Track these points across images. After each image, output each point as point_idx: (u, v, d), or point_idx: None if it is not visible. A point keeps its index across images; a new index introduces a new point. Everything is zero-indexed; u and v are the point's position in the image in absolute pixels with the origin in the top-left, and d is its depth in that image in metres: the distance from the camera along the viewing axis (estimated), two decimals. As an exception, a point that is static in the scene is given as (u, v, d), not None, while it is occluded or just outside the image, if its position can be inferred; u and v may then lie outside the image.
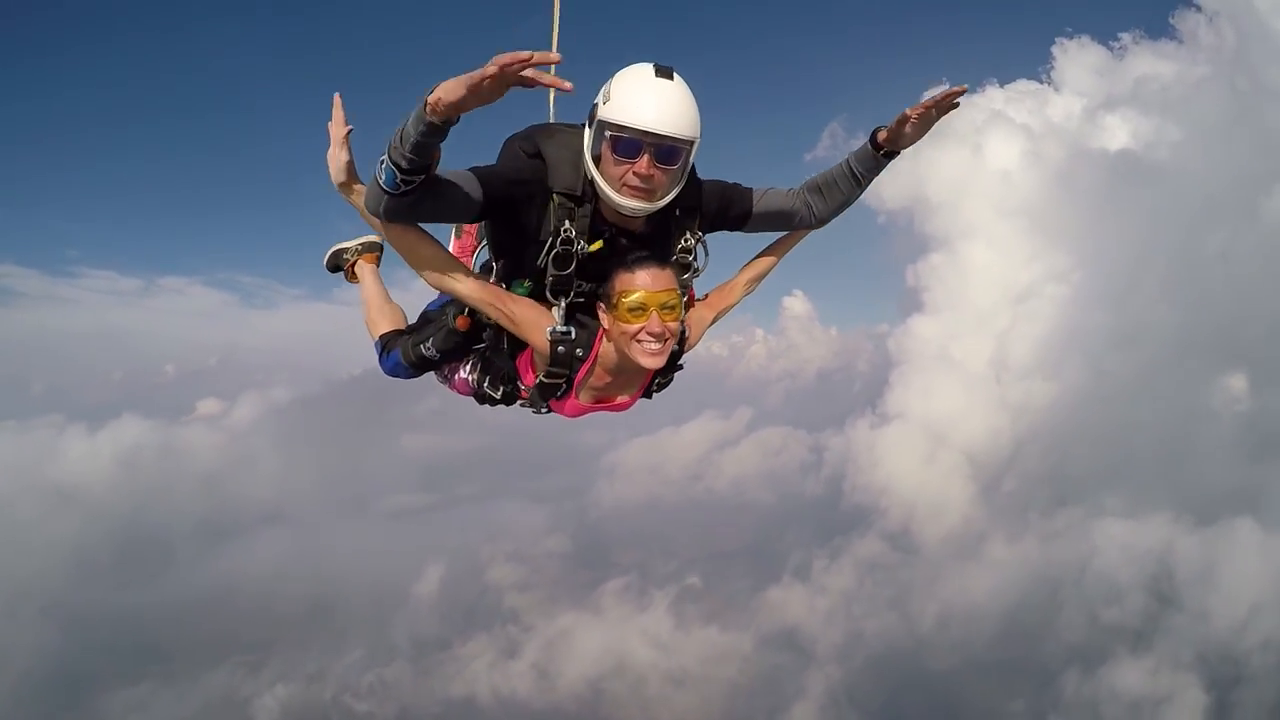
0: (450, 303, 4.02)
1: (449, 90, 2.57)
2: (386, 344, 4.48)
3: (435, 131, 2.68)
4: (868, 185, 3.79)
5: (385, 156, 2.80)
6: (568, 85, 2.69)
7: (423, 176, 2.84)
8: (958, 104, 3.35)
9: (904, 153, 3.71)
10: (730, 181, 3.75)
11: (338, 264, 5.17)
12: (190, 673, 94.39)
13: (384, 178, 2.85)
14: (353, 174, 3.58)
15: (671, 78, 3.12)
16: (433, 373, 4.41)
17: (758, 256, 4.20)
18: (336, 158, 3.50)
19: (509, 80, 2.58)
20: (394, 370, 4.40)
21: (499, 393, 4.02)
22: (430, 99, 2.60)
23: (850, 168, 3.71)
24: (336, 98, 3.53)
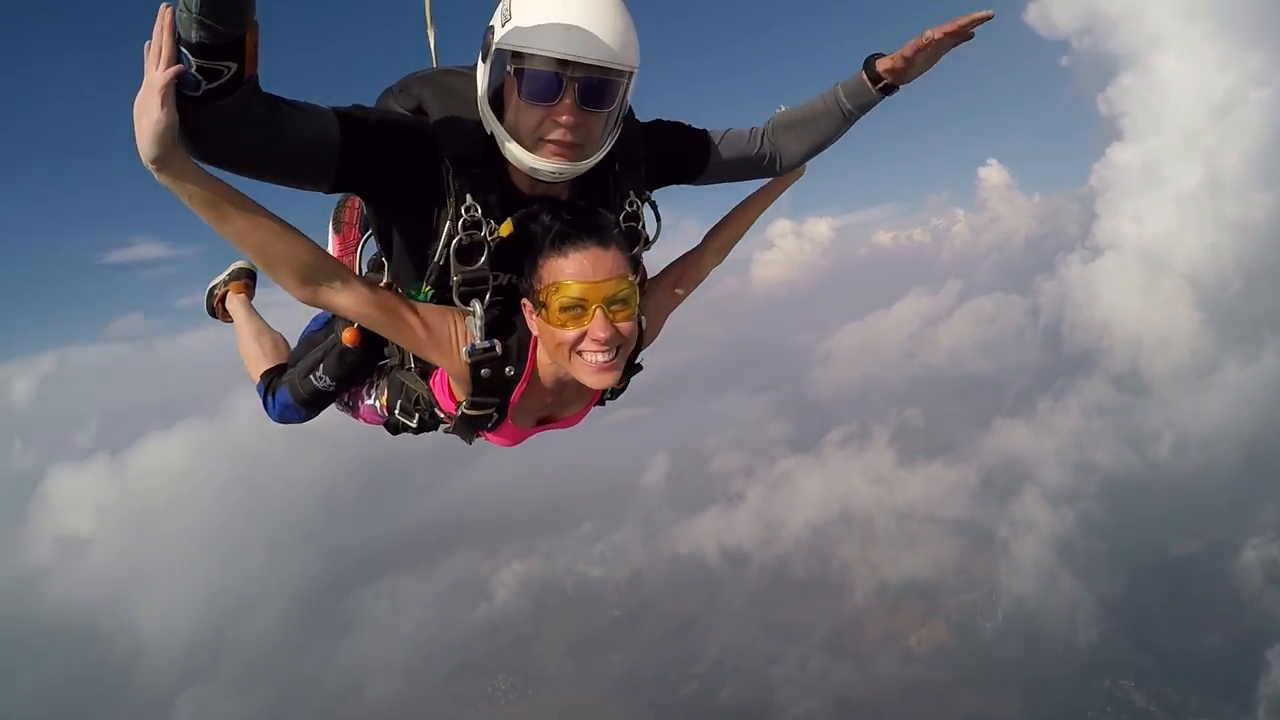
0: (333, 320, 3.15)
1: None
2: (270, 384, 3.50)
3: None
4: (853, 124, 2.82)
5: (174, 41, 1.75)
6: None
7: (235, 66, 1.76)
8: (973, 34, 2.47)
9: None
10: (676, 121, 2.79)
11: (211, 305, 4.25)
12: (431, 558, 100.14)
13: (185, 79, 1.76)
14: (173, 144, 1.82)
15: None
16: (334, 405, 3.40)
17: (732, 216, 3.10)
18: (150, 110, 1.77)
19: None
20: (283, 414, 3.40)
21: (414, 421, 2.91)
22: None
23: (839, 103, 2.74)
24: (164, 11, 1.77)
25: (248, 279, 4.16)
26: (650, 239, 2.71)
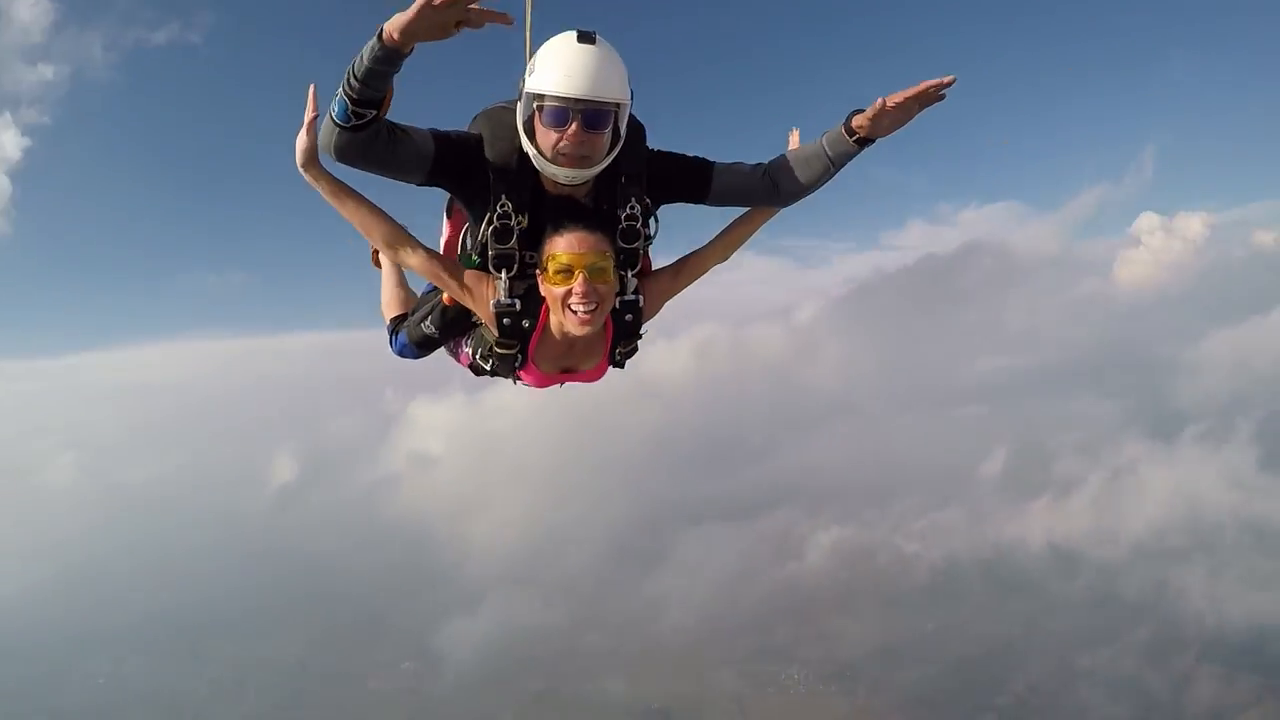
0: (436, 287, 3.98)
1: (397, 21, 2.66)
2: (395, 327, 4.47)
3: (388, 58, 2.72)
4: (839, 171, 3.54)
5: (339, 89, 2.83)
6: (508, 18, 2.77)
7: (375, 112, 2.88)
8: (944, 95, 3.26)
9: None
10: (689, 154, 3.62)
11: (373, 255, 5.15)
12: (752, 513, 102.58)
13: (336, 110, 2.86)
14: (313, 158, 3.28)
15: (594, 42, 3.03)
16: (443, 349, 4.27)
17: (731, 226, 3.88)
18: (301, 140, 3.25)
19: (452, 14, 2.64)
20: (401, 351, 4.38)
21: (489, 365, 3.83)
22: (386, 26, 2.68)
23: (824, 150, 3.48)
24: (311, 89, 3.19)
25: None
26: (650, 236, 3.55)
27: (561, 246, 3.16)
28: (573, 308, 3.18)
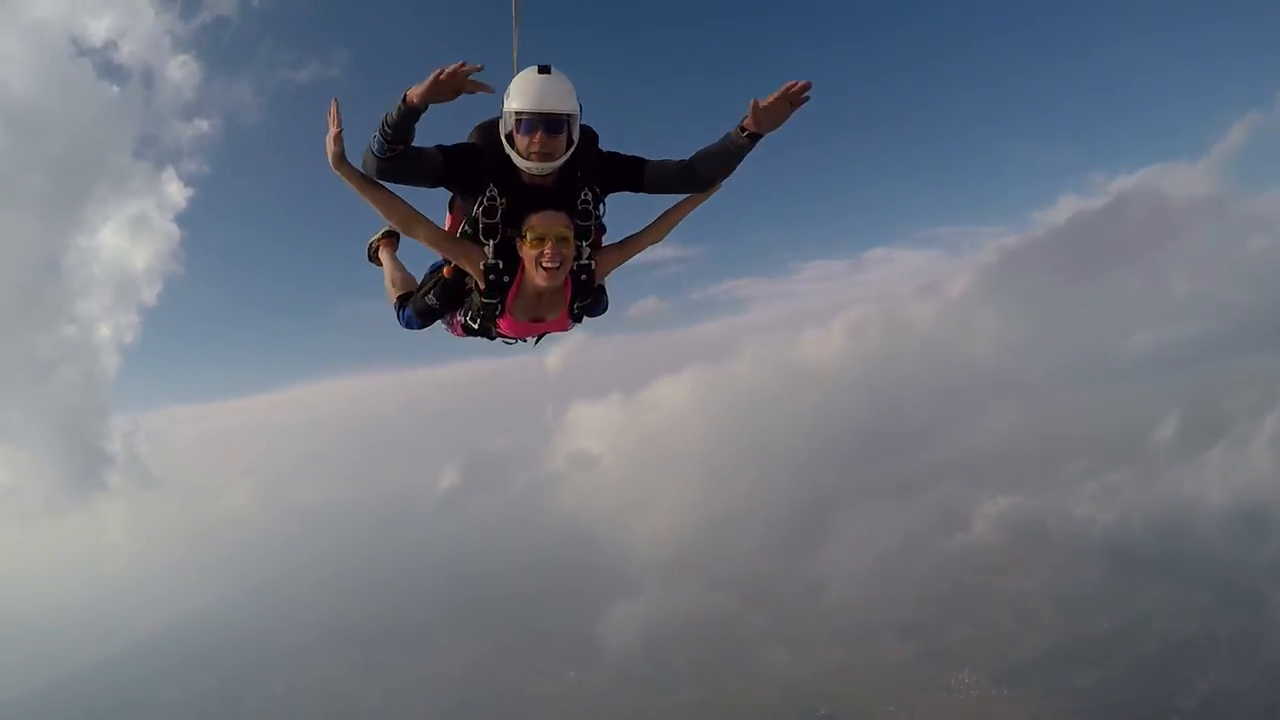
0: (442, 264, 5.00)
1: (415, 90, 3.76)
2: (401, 303, 5.45)
3: (409, 115, 3.84)
4: (740, 161, 4.50)
5: (376, 132, 3.92)
6: (490, 88, 3.89)
7: (402, 147, 3.97)
8: (807, 98, 4.14)
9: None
10: (627, 153, 4.61)
11: (370, 253, 6.33)
12: (916, 488, 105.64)
13: (375, 147, 3.96)
14: (340, 159, 4.17)
15: (549, 72, 4.06)
16: (440, 321, 5.24)
17: (664, 213, 4.86)
18: (330, 146, 4.13)
19: (453, 85, 3.77)
20: (408, 323, 5.35)
21: (477, 324, 4.80)
22: (408, 94, 3.77)
23: (726, 147, 4.43)
24: (334, 103, 4.11)
25: (394, 238, 6.14)
26: (599, 216, 4.57)
27: (537, 220, 4.17)
28: (543, 265, 4.17)
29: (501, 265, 4.36)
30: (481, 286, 4.44)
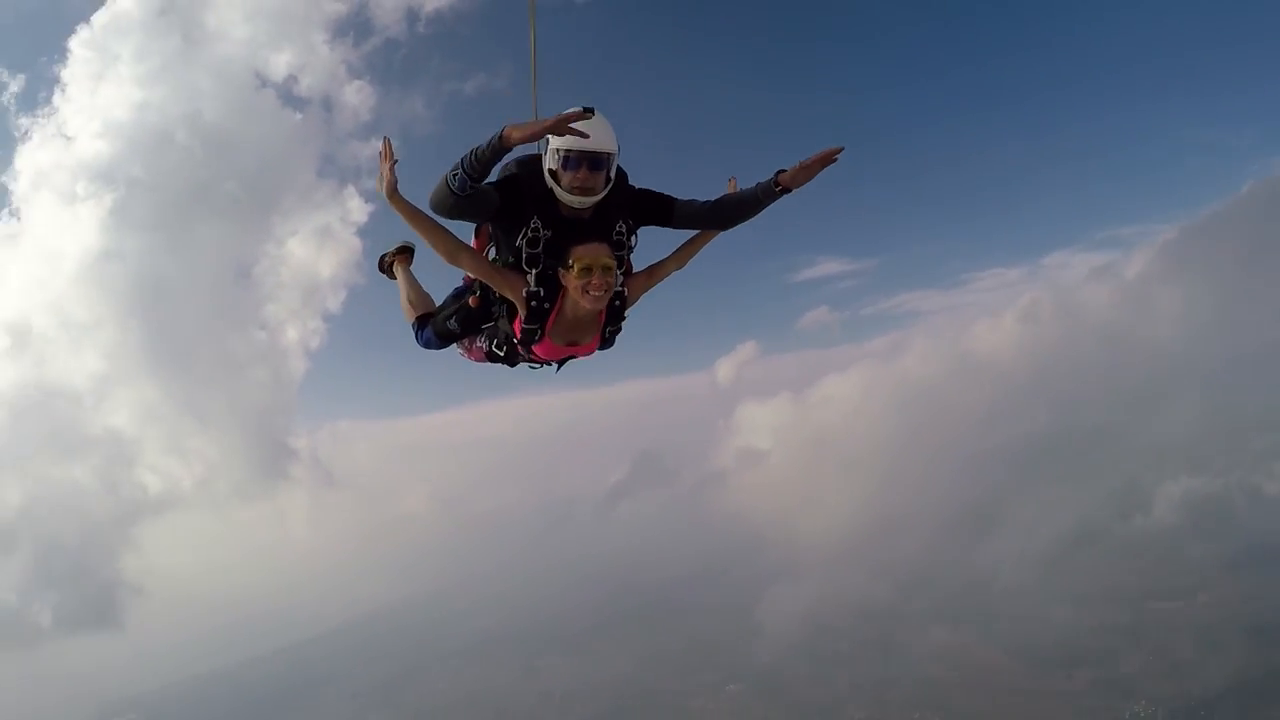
0: (465, 291, 5.40)
1: (520, 130, 3.96)
2: (421, 324, 5.78)
3: (501, 152, 4.04)
4: (762, 210, 4.91)
5: (459, 169, 4.08)
6: (584, 134, 4.09)
7: (480, 183, 4.19)
8: (836, 159, 4.62)
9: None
10: (658, 191, 4.95)
11: (382, 266, 6.57)
12: (1090, 470, 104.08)
13: (455, 184, 4.11)
14: (396, 191, 4.37)
15: (594, 114, 4.18)
16: (456, 345, 5.64)
17: (685, 243, 5.18)
18: (386, 178, 4.33)
19: (558, 130, 4.04)
20: (427, 343, 5.69)
21: (503, 352, 5.11)
22: (505, 133, 3.96)
23: (756, 196, 4.82)
24: (386, 139, 4.39)
25: (410, 253, 6.43)
26: (631, 247, 4.83)
27: (584, 251, 4.39)
28: (590, 292, 4.40)
29: (543, 292, 4.59)
30: (523, 313, 4.65)
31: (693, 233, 5.19)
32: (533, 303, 4.61)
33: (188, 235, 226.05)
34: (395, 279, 6.45)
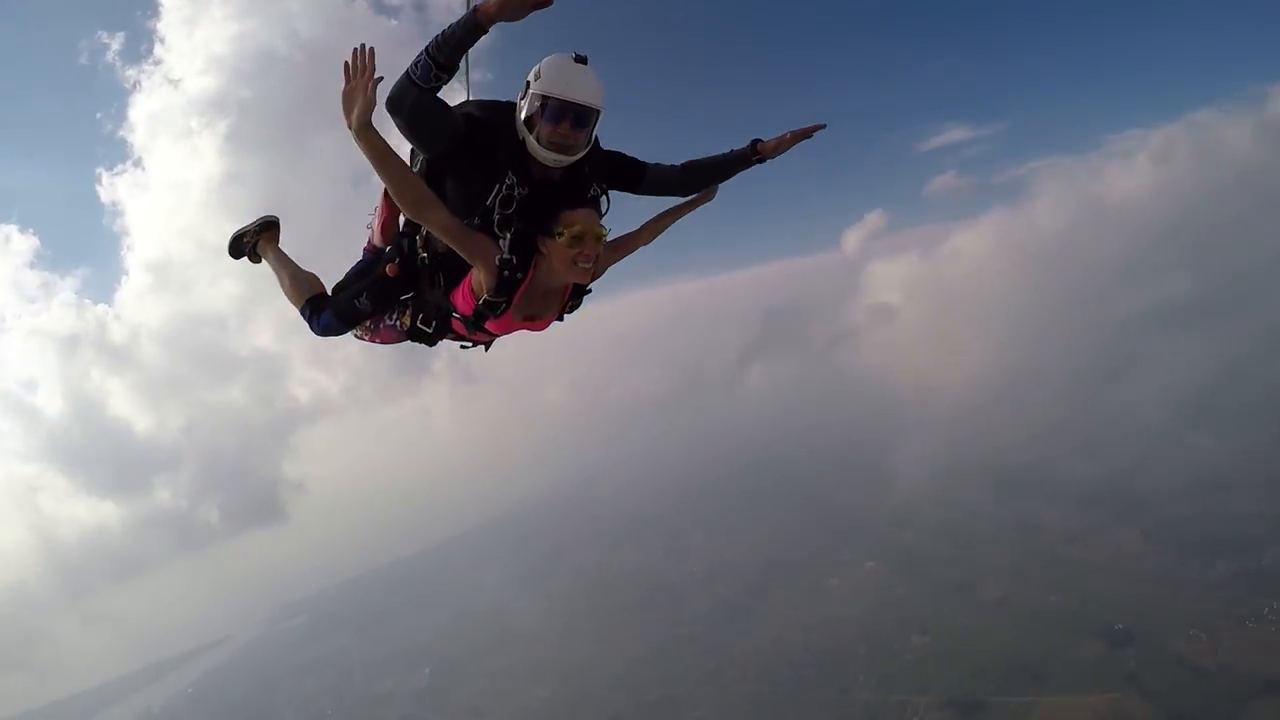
0: (374, 264, 4.85)
1: (493, 1, 3.46)
2: (315, 307, 5.03)
3: (474, 31, 3.55)
4: (732, 176, 4.88)
5: (423, 55, 3.58)
6: None
7: (447, 78, 3.67)
8: (812, 136, 4.71)
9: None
10: (629, 154, 4.67)
11: (239, 249, 5.68)
12: (1230, 310, 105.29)
13: (419, 72, 3.60)
14: (369, 120, 3.62)
15: (586, 64, 3.93)
16: (354, 331, 5.02)
17: (655, 216, 4.96)
18: (362, 100, 3.55)
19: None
20: (326, 329, 4.96)
21: (431, 327, 4.63)
22: (481, 6, 3.49)
23: (730, 162, 4.79)
24: (363, 48, 3.62)
25: (276, 229, 5.64)
26: (603, 213, 4.44)
27: (577, 217, 3.98)
28: (580, 264, 4.01)
29: (515, 261, 4.03)
30: (492, 283, 4.07)
31: (662, 204, 4.92)
32: (504, 272, 4.04)
33: (302, 148, 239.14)
34: (261, 261, 5.66)
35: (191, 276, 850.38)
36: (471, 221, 4.14)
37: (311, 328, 5.06)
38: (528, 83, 4.00)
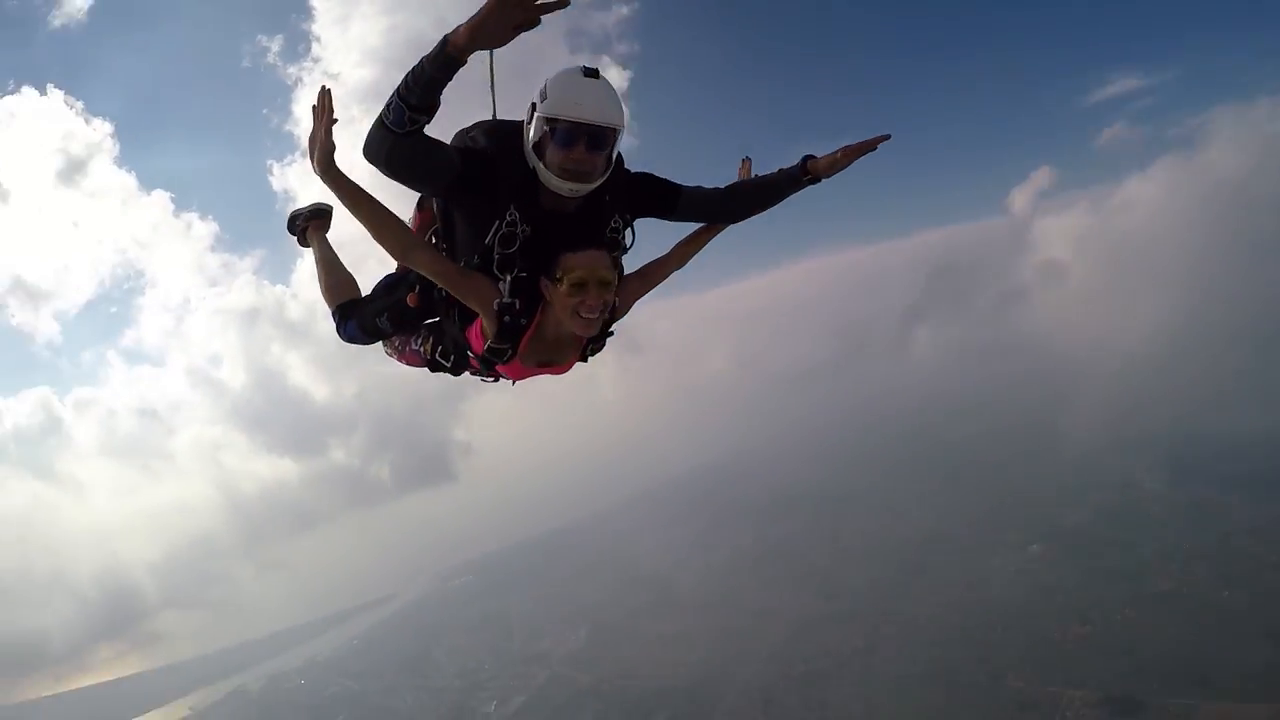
0: (400, 282, 4.51)
1: (464, 28, 2.92)
2: (344, 313, 4.81)
3: (448, 67, 3.02)
4: (781, 201, 4.33)
5: (394, 98, 3.10)
6: (565, 2, 2.92)
7: (426, 119, 3.18)
8: (876, 149, 4.15)
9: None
10: (658, 175, 4.17)
11: (293, 227, 5.42)
12: None
13: (392, 117, 3.13)
14: (333, 161, 3.41)
15: (598, 77, 3.50)
16: (382, 342, 4.81)
17: (687, 238, 4.42)
18: (322, 143, 3.37)
19: (521, 13, 2.88)
20: (352, 337, 4.76)
21: (449, 361, 4.32)
22: (451, 37, 2.96)
23: (779, 184, 4.27)
24: (324, 90, 3.37)
25: (326, 218, 5.40)
26: (627, 247, 4.05)
27: (577, 261, 3.53)
28: (582, 315, 3.57)
29: (518, 305, 3.69)
30: (493, 329, 3.74)
31: (694, 226, 4.40)
32: (505, 317, 3.69)
33: (456, 126, 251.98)
34: (309, 246, 5.39)
35: (361, 254, 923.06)
36: (471, 261, 3.79)
37: (338, 333, 4.86)
38: (533, 104, 3.57)
